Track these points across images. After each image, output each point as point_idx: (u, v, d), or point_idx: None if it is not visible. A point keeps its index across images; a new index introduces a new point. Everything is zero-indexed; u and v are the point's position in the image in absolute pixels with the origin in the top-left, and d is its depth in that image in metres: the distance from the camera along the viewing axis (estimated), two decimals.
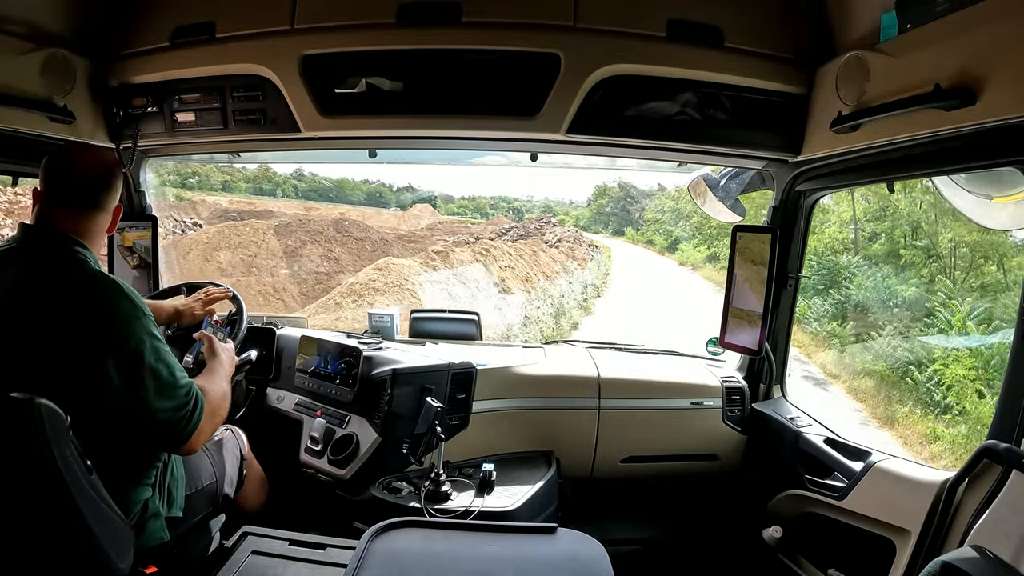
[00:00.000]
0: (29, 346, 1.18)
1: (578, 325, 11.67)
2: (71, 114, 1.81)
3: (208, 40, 1.82)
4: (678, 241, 20.09)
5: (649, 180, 26.54)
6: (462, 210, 24.90)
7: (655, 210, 22.30)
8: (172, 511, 1.44)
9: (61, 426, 1.09)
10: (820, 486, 1.80)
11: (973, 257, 8.41)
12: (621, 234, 23.98)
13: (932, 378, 7.05)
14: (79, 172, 1.32)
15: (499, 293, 12.32)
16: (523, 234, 18.62)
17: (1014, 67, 1.15)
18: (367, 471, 1.86)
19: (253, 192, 20.51)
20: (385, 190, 24.39)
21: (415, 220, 21.12)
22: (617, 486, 2.20)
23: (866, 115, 1.49)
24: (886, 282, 9.15)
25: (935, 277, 8.56)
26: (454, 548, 1.20)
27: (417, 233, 18.45)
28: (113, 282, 1.27)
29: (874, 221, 10.28)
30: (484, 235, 18.00)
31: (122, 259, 2.25)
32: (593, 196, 25.79)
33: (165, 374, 1.25)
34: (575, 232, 20.08)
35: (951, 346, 7.06)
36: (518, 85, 1.75)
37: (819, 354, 9.22)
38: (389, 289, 10.69)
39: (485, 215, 24.52)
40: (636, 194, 23.62)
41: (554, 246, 17.32)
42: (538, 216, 21.93)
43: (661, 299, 13.56)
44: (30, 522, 1.12)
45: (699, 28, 1.71)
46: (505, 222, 21.51)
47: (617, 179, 23.69)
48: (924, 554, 1.37)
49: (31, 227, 1.29)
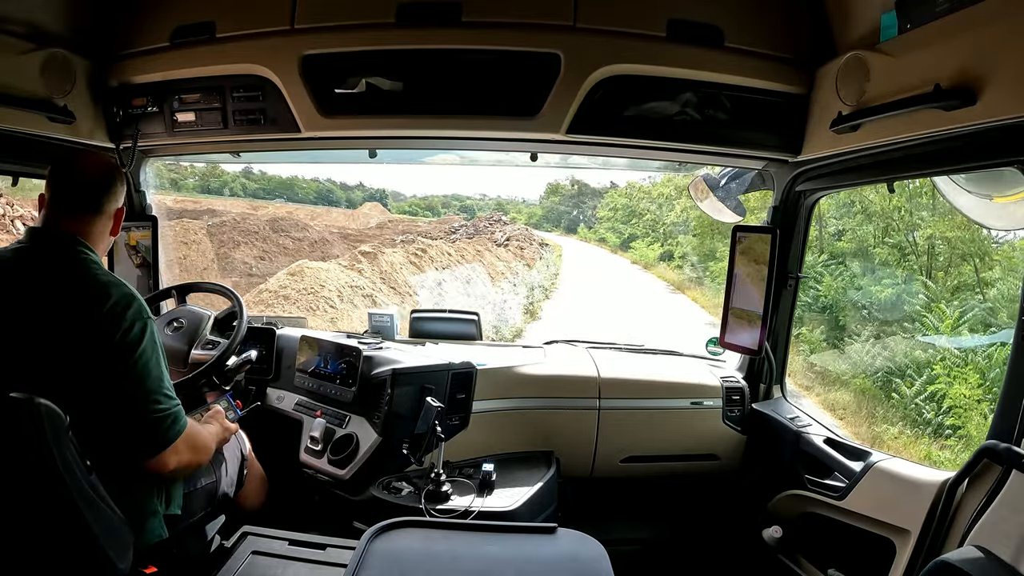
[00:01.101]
0: (33, 346, 1.19)
1: (522, 332, 10.59)
2: (71, 114, 1.81)
3: (208, 40, 1.82)
4: (631, 239, 19.81)
5: (602, 177, 25.90)
6: (414, 208, 24.61)
7: (607, 207, 22.05)
8: (170, 508, 1.44)
9: (61, 426, 1.09)
10: (820, 486, 1.80)
11: (952, 255, 7.83)
12: (574, 232, 23.69)
13: (921, 392, 6.44)
14: (80, 177, 1.35)
15: (436, 297, 11.38)
16: (473, 233, 18.28)
17: (1014, 67, 1.15)
18: (367, 471, 1.86)
19: (200, 191, 20.03)
20: (336, 188, 24.03)
21: (364, 219, 20.69)
22: (617, 486, 2.20)
23: (866, 115, 1.49)
24: (857, 282, 8.52)
25: (911, 276, 7.99)
26: (454, 548, 1.20)
27: (365, 232, 17.89)
28: (119, 284, 1.29)
29: (841, 217, 9.60)
30: (433, 233, 17.52)
31: (126, 258, 2.26)
32: (545, 194, 25.58)
33: (155, 378, 1.28)
34: (525, 231, 19.75)
35: (940, 352, 6.49)
36: (518, 85, 1.75)
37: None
38: (300, 298, 9.42)
39: (437, 213, 24.21)
40: (589, 191, 23.36)
41: (503, 245, 16.91)
42: (488, 214, 21.60)
43: (613, 300, 13.15)
44: (30, 522, 1.12)
45: (699, 28, 1.71)
46: (456, 220, 21.14)
47: (570, 176, 23.43)
48: (924, 554, 1.37)
49: (37, 230, 1.32)
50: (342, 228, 17.96)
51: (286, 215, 17.91)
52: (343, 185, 24.43)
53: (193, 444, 1.37)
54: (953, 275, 7.79)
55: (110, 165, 1.42)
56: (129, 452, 1.30)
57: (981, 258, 7.63)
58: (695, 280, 14.90)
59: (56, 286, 1.23)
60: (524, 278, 14.46)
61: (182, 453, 1.33)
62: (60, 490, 1.11)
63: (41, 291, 1.22)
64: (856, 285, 8.53)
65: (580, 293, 14.34)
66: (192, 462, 1.38)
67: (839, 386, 7.50)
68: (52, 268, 1.25)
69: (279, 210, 19.30)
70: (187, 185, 19.53)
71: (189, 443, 1.35)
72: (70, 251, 1.29)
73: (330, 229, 16.75)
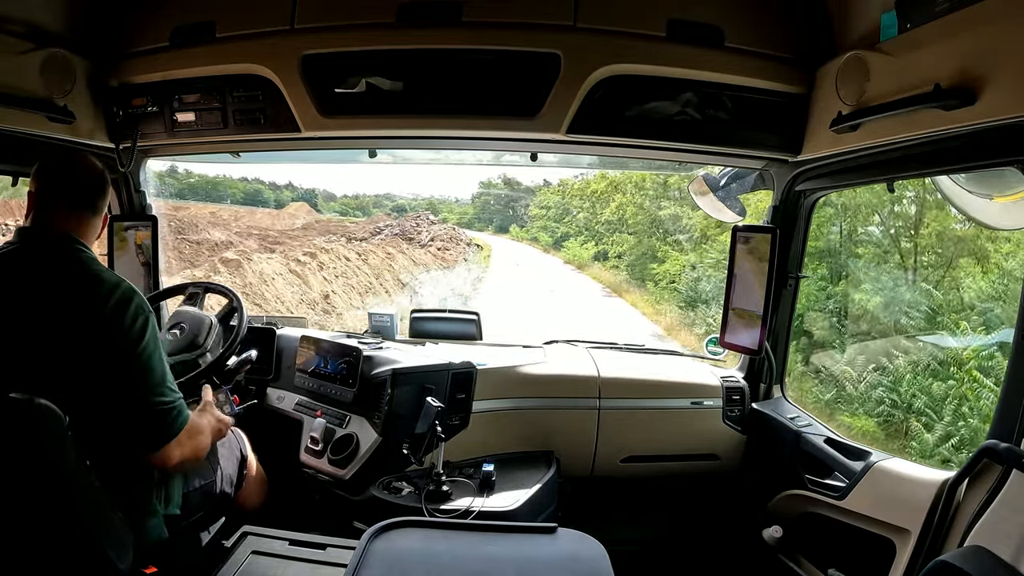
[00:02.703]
0: (32, 346, 1.19)
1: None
2: (71, 114, 1.81)
3: (208, 40, 1.82)
4: (565, 238, 18.97)
5: (535, 175, 24.70)
6: (344, 208, 23.67)
7: (539, 205, 21.14)
8: (170, 508, 1.44)
9: (60, 426, 1.09)
10: (820, 486, 1.80)
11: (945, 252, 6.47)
12: (505, 231, 22.72)
13: (951, 436, 5.00)
14: (79, 177, 1.35)
15: (320, 313, 9.70)
16: (398, 232, 17.48)
17: (1014, 67, 1.15)
18: (367, 471, 1.86)
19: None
20: (264, 188, 22.84)
21: (290, 219, 19.63)
22: (617, 486, 2.20)
23: (866, 115, 1.49)
24: (833, 289, 7.11)
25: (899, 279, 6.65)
26: (454, 548, 1.20)
27: (288, 233, 16.46)
28: (118, 280, 1.29)
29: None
30: (359, 234, 16.77)
31: (134, 256, 2.26)
32: (477, 192, 24.42)
33: (159, 372, 1.28)
34: (452, 230, 18.84)
35: (958, 378, 4.92)
36: (518, 85, 1.75)
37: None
38: None
39: (368, 213, 23.19)
40: (522, 189, 22.29)
41: (426, 247, 16.22)
42: (416, 214, 20.66)
43: (545, 304, 12.08)
44: (30, 522, 1.12)
45: (699, 28, 1.71)
46: (384, 220, 20.03)
47: (501, 174, 22.48)
48: (924, 554, 1.37)
49: (29, 229, 1.30)
50: (264, 230, 16.65)
51: (210, 215, 17.17)
52: (272, 185, 23.16)
53: (193, 436, 1.38)
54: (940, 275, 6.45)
55: (102, 167, 1.43)
56: (134, 447, 1.31)
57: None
58: (633, 281, 14.07)
59: (56, 285, 1.23)
60: (443, 283, 12.92)
61: (184, 445, 1.34)
62: (60, 490, 1.11)
63: (41, 291, 1.22)
64: (829, 293, 7.06)
65: (508, 297, 12.66)
66: (192, 454, 1.39)
67: (838, 427, 6.42)
68: (51, 267, 1.25)
69: (201, 211, 18.24)
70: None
71: (190, 434, 1.36)
72: (68, 249, 1.28)
73: (251, 231, 15.64)
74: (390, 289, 11.96)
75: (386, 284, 11.86)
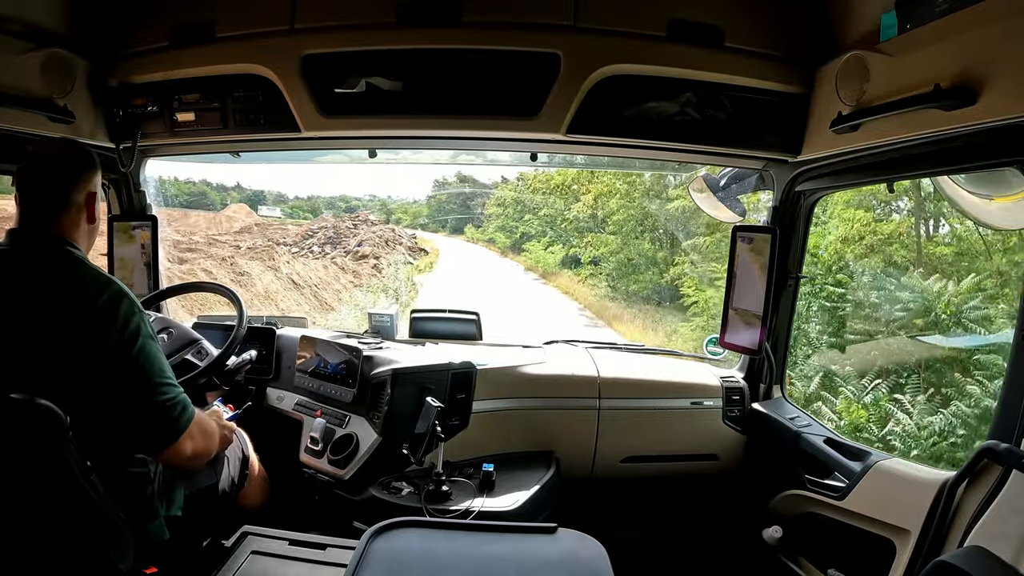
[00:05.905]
0: (29, 348, 1.18)
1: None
2: (71, 114, 1.81)
3: (208, 40, 1.81)
4: (525, 239, 16.68)
5: (492, 172, 23.26)
6: (295, 211, 22.54)
7: (496, 203, 19.08)
8: (171, 510, 1.44)
9: (61, 426, 1.09)
10: (820, 486, 1.80)
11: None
12: (460, 232, 21.37)
13: None
14: (39, 172, 1.31)
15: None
16: (333, 236, 16.15)
17: (1014, 67, 1.15)
18: (367, 471, 1.86)
19: None
20: (209, 190, 21.55)
21: (228, 222, 17.87)
22: (617, 486, 2.20)
23: (866, 115, 1.49)
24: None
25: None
26: (454, 548, 1.20)
27: (217, 239, 14.61)
28: (108, 280, 1.27)
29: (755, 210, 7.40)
30: (289, 239, 15.34)
31: (139, 256, 2.26)
32: (432, 192, 22.95)
33: (157, 370, 1.27)
34: (391, 231, 17.34)
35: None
36: (518, 85, 1.75)
37: None
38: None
39: (319, 215, 21.99)
40: (478, 186, 20.50)
41: (351, 253, 14.31)
42: (356, 214, 19.28)
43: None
44: (30, 522, 1.12)
45: (699, 28, 1.71)
46: (319, 223, 18.58)
47: (457, 172, 20.98)
48: (924, 554, 1.37)
49: (17, 231, 1.29)
50: (189, 234, 14.65)
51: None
52: (219, 187, 21.89)
53: (204, 430, 1.38)
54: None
55: (69, 151, 1.35)
56: (143, 448, 1.31)
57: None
58: (621, 301, 11.08)
59: (44, 287, 1.22)
60: (345, 310, 10.50)
61: (196, 439, 1.33)
62: (60, 491, 1.11)
63: (31, 293, 1.21)
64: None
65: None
66: (205, 449, 1.39)
67: None
68: (38, 269, 1.24)
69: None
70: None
71: (200, 429, 1.36)
72: (56, 250, 1.26)
73: (170, 237, 12.87)
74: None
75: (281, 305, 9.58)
